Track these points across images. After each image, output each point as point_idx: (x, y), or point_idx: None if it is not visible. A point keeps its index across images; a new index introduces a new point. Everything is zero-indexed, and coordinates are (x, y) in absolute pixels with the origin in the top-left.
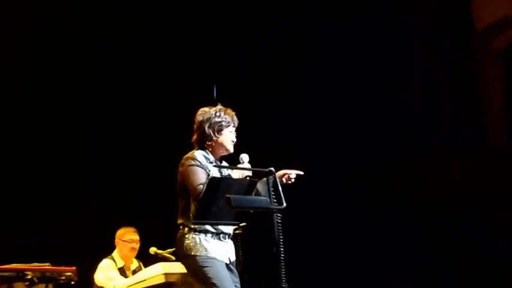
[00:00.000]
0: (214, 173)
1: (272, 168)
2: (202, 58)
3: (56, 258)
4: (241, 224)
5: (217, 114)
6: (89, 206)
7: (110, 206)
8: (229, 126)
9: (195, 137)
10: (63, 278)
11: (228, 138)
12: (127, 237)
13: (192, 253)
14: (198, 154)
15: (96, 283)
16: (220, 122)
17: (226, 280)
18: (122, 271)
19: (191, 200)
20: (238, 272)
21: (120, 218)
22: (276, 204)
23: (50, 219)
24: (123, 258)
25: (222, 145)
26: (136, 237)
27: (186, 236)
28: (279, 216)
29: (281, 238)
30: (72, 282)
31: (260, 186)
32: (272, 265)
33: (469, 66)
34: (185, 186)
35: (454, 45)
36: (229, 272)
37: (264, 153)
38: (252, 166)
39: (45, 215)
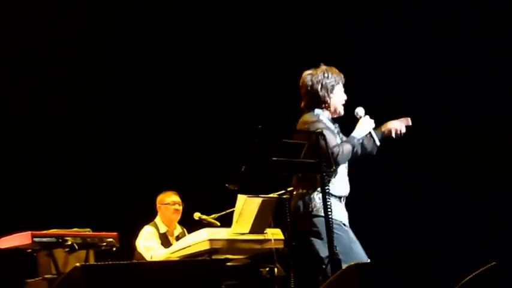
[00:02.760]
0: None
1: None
2: None
3: (97, 224)
4: (288, 189)
5: (326, 74)
6: (129, 172)
7: (151, 171)
8: (339, 84)
9: (304, 102)
10: (104, 244)
11: (339, 97)
12: (168, 200)
13: (320, 213)
14: (323, 116)
15: (138, 250)
16: (331, 81)
17: (349, 246)
18: (165, 237)
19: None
20: (286, 237)
21: (162, 183)
22: (325, 166)
23: (90, 185)
24: (166, 223)
25: (334, 107)
26: (178, 199)
27: (312, 196)
28: (326, 179)
29: (328, 203)
30: (114, 249)
31: (367, 142)
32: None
33: None
34: (311, 149)
35: None
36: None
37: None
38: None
39: (86, 180)
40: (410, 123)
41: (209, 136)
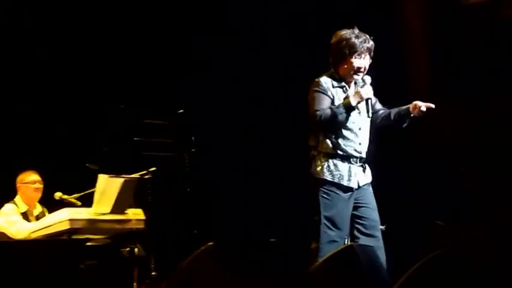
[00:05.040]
0: (340, 96)
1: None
2: None
3: None
4: (150, 169)
5: (355, 36)
6: None
7: (10, 151)
8: (362, 53)
9: (331, 58)
10: None
11: (356, 63)
12: (29, 179)
13: (317, 176)
14: (324, 80)
15: None
16: (357, 45)
17: (338, 215)
18: (25, 216)
19: None
20: (146, 217)
21: (21, 163)
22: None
23: None
24: (26, 202)
25: (350, 68)
26: (38, 177)
27: (317, 157)
28: (186, 157)
29: (189, 181)
30: None
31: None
32: (183, 210)
33: None
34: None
35: None
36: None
37: None
38: None
39: None
40: (432, 106)
41: (70, 115)
